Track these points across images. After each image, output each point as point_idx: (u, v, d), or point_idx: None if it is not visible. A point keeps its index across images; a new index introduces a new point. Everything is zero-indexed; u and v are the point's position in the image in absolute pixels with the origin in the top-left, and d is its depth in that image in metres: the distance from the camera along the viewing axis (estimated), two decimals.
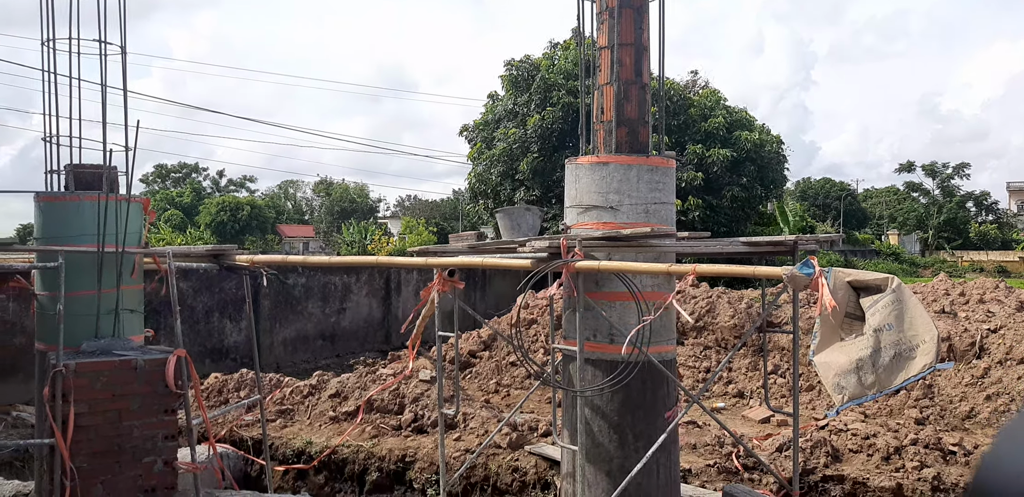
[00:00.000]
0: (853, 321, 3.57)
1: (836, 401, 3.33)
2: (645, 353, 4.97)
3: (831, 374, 3.34)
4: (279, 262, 6.63)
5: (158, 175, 74.34)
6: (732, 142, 18.58)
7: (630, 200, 5.41)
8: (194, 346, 10.58)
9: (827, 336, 3.46)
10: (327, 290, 12.67)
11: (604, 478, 5.65)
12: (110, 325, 6.29)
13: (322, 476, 8.12)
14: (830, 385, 3.36)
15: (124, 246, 6.24)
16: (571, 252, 4.65)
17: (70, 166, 6.43)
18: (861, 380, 3.23)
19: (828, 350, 3.44)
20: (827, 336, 3.46)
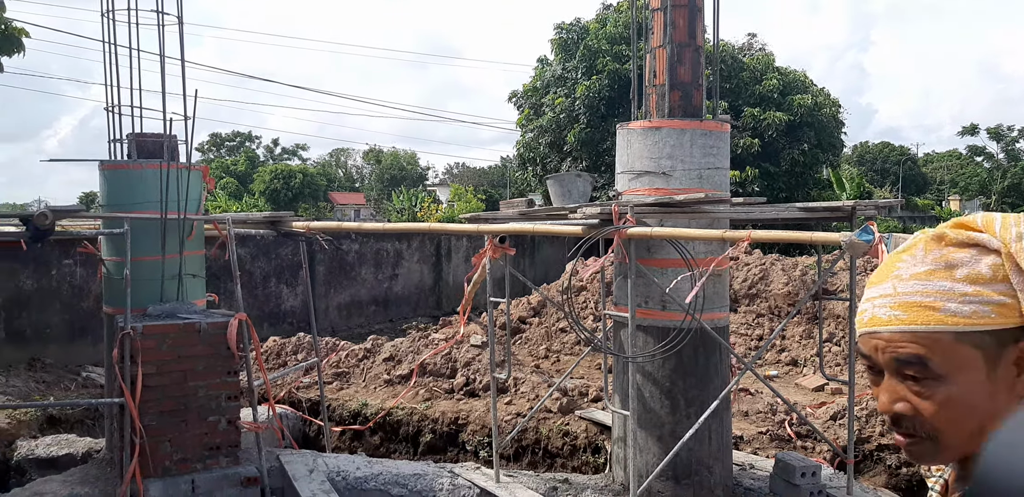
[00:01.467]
0: None
1: None
2: (698, 320, 4.95)
3: None
4: (334, 228, 6.74)
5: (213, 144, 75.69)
6: (787, 106, 18.07)
7: (683, 165, 5.34)
8: (252, 310, 10.87)
9: None
10: (380, 256, 12.86)
11: (655, 443, 5.69)
12: (174, 289, 6.51)
13: (377, 437, 8.34)
14: None
15: (186, 213, 6.42)
16: (623, 218, 4.63)
17: (132, 135, 6.60)
18: None
19: None
20: None
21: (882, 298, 1.06)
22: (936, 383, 1.02)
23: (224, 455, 6.24)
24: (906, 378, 1.04)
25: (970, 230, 1.05)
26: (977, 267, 1.02)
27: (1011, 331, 1.02)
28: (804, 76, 19.42)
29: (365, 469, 6.51)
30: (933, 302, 1.02)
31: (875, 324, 1.05)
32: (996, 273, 1.01)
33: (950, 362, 1.01)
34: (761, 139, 17.75)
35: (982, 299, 1.01)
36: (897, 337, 1.03)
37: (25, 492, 5.82)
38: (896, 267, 1.07)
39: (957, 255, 1.03)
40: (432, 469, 6.52)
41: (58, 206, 5.49)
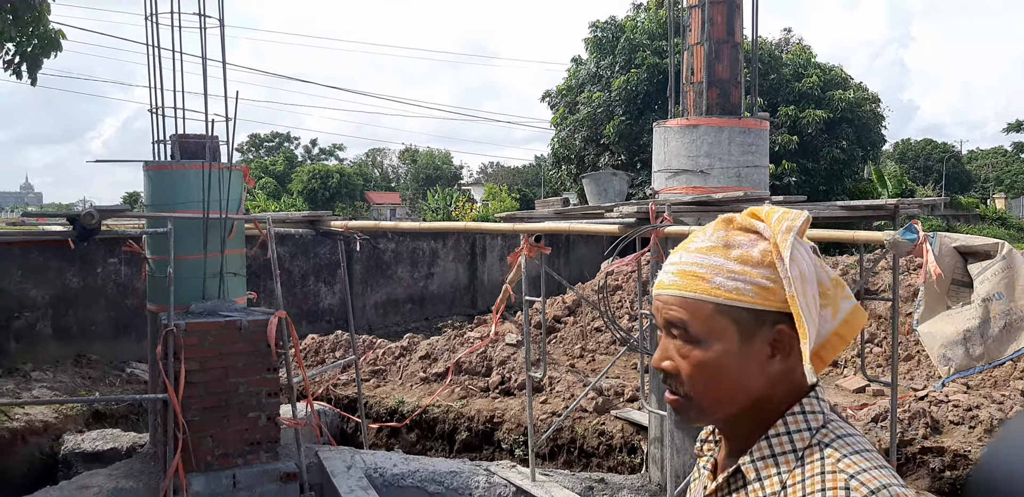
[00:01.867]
0: (960, 289, 3.42)
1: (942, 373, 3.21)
2: None
3: (936, 345, 3.22)
4: (371, 228, 6.80)
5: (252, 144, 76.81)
6: (826, 102, 17.75)
7: (721, 163, 5.29)
8: (291, 308, 11.02)
9: (932, 305, 3.33)
10: (415, 255, 12.94)
11: (692, 443, 5.65)
12: (215, 287, 6.62)
13: (414, 434, 8.40)
14: (935, 356, 3.24)
15: (227, 212, 6.53)
16: (660, 217, 4.60)
17: (175, 136, 6.73)
18: (969, 352, 3.09)
19: (933, 320, 3.31)
20: (932, 305, 3.33)
21: (671, 265, 1.16)
22: (693, 347, 1.13)
23: (264, 451, 6.33)
24: (674, 338, 1.15)
25: (756, 219, 1.15)
26: (751, 251, 1.11)
27: (771, 314, 1.11)
28: (843, 72, 19.08)
29: (402, 466, 6.56)
30: (705, 273, 1.11)
31: (660, 287, 1.16)
32: (764, 258, 1.10)
33: (708, 329, 1.11)
34: (800, 136, 17.49)
35: (747, 279, 1.10)
36: (671, 300, 1.14)
37: (72, 485, 5.97)
38: (691, 240, 1.18)
39: (737, 238, 1.13)
40: (468, 467, 6.55)
41: (104, 206, 5.61)
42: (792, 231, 1.10)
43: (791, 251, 1.09)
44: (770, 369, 1.13)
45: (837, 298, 1.15)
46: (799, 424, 1.13)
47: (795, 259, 1.09)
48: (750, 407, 1.15)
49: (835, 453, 1.09)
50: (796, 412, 1.13)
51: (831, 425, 1.13)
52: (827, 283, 1.14)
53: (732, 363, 1.12)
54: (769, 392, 1.14)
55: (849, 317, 1.16)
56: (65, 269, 9.17)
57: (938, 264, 3.28)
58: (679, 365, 1.14)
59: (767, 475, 1.12)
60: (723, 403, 1.14)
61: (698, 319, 1.11)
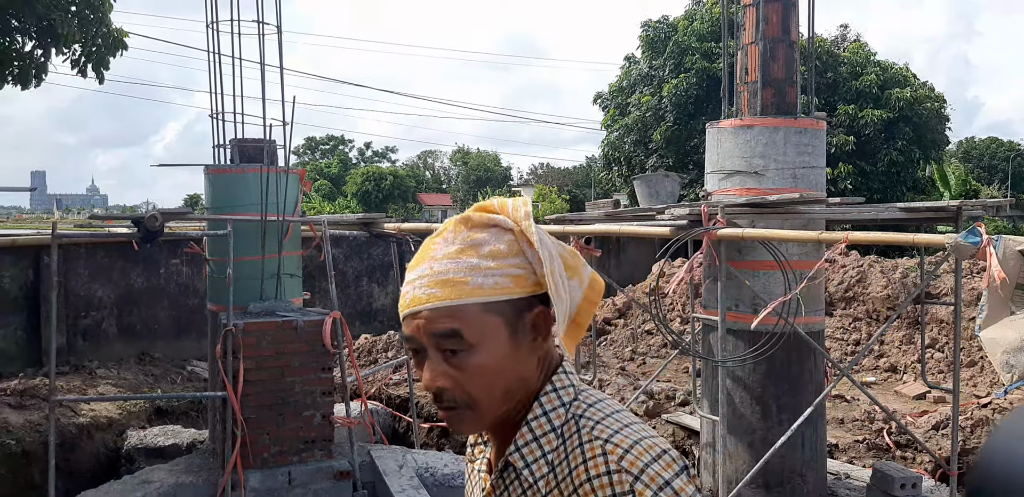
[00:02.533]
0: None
1: (1004, 380, 3.11)
2: (791, 324, 4.83)
3: (999, 351, 3.12)
4: (423, 230, 6.88)
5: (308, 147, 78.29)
6: (885, 101, 17.28)
7: (776, 165, 5.21)
8: (345, 308, 11.19)
9: (995, 310, 3.23)
10: None
11: (746, 450, 5.58)
12: (273, 288, 6.77)
13: None
14: (998, 363, 3.14)
15: (284, 214, 6.68)
16: (713, 219, 4.55)
17: (235, 141, 6.91)
18: None
19: (996, 325, 3.21)
20: (995, 310, 3.23)
21: (420, 279, 1.14)
22: (469, 354, 1.11)
23: (319, 448, 6.45)
24: (445, 353, 1.12)
25: (491, 213, 1.16)
26: (497, 244, 1.12)
27: (527, 299, 1.13)
28: (905, 70, 18.56)
29: (452, 466, 6.61)
30: (463, 277, 1.10)
31: (416, 304, 1.13)
32: (512, 248, 1.12)
33: (479, 331, 1.10)
34: (857, 136, 17.07)
35: (502, 272, 1.11)
36: (435, 313, 1.10)
37: (135, 479, 6.17)
38: (431, 249, 1.16)
39: (481, 235, 1.13)
40: None
41: (166, 209, 5.80)
42: (530, 216, 1.13)
43: (538, 235, 1.12)
44: (538, 353, 1.15)
45: (579, 267, 1.20)
46: (553, 402, 1.15)
47: (543, 242, 1.12)
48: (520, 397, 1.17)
49: (588, 422, 1.12)
50: (548, 391, 1.16)
51: (582, 396, 1.16)
52: (567, 256, 1.18)
53: (508, 358, 1.13)
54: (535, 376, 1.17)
55: (591, 282, 1.21)
56: (129, 269, 9.48)
57: (1002, 268, 3.18)
58: (457, 377, 1.12)
59: (533, 459, 1.14)
60: (504, 401, 1.14)
61: (470, 324, 1.10)
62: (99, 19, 7.14)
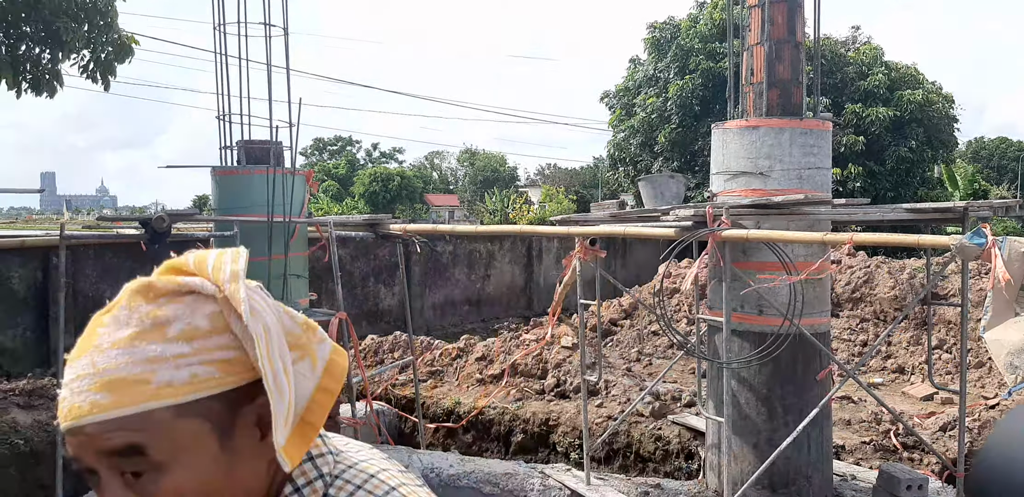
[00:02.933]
0: None
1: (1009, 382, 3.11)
2: (796, 325, 4.82)
3: (1003, 352, 3.11)
4: (429, 231, 6.91)
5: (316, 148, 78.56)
6: (894, 101, 17.23)
7: (782, 165, 5.20)
8: (352, 309, 11.24)
9: (1000, 311, 3.22)
10: (472, 257, 13.07)
11: (751, 451, 5.57)
12: (279, 289, 6.81)
13: (470, 435, 8.47)
14: (1002, 364, 3.14)
15: (290, 216, 6.71)
16: (717, 221, 4.55)
17: (241, 142, 6.95)
18: None
19: (1001, 326, 3.21)
20: (1000, 311, 3.22)
21: (80, 380, 0.83)
22: (159, 475, 0.83)
23: None
24: (125, 476, 0.83)
25: (183, 274, 0.88)
26: (193, 320, 0.84)
27: (244, 389, 0.85)
28: (914, 70, 18.50)
29: (458, 467, 6.63)
30: (142, 374, 0.81)
31: (76, 416, 0.82)
32: (216, 324, 0.84)
33: (171, 444, 0.82)
34: (865, 136, 17.02)
35: (202, 358, 0.83)
36: (105, 428, 0.81)
37: None
38: (96, 334, 0.87)
39: (169, 308, 0.85)
40: (523, 469, 6.58)
41: (174, 210, 5.83)
42: (239, 277, 0.86)
43: (248, 303, 0.84)
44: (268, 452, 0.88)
45: (311, 345, 0.91)
46: None
47: (255, 312, 0.84)
48: None
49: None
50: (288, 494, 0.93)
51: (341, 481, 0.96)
52: (297, 330, 0.90)
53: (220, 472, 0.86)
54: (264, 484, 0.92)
55: (330, 365, 0.92)
56: (138, 270, 9.41)
57: (1007, 269, 3.17)
58: None
59: None
60: None
61: (156, 436, 0.81)
62: (107, 25, 7.19)
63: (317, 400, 0.90)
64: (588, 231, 5.10)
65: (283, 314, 0.90)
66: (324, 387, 0.91)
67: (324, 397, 0.91)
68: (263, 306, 0.87)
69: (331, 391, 0.91)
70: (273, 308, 0.89)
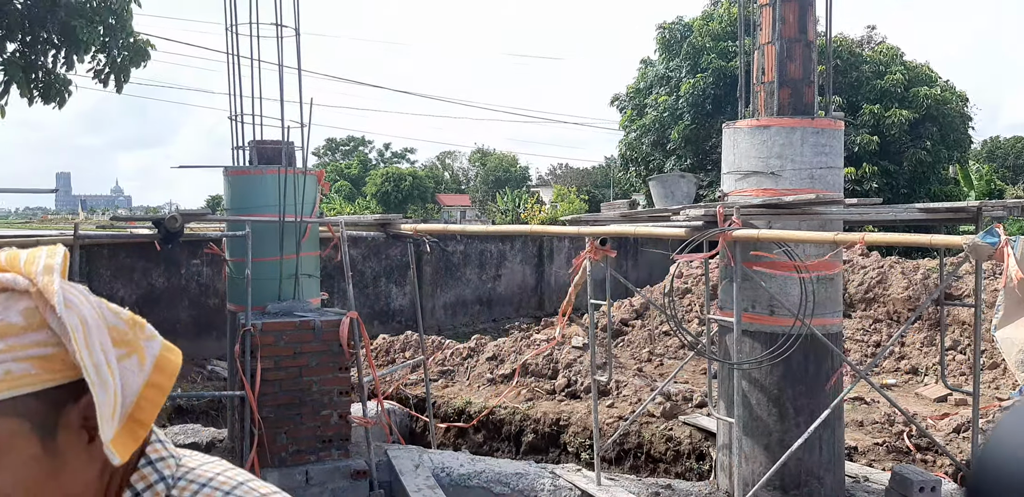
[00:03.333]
0: None
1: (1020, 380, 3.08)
2: (808, 325, 4.80)
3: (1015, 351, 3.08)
4: (439, 231, 6.92)
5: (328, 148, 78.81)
6: (910, 101, 17.09)
7: (793, 165, 5.18)
8: (363, 309, 11.29)
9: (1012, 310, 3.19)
10: (484, 257, 13.07)
11: (762, 452, 5.55)
12: (291, 288, 6.84)
13: (481, 435, 8.48)
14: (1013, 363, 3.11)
15: (302, 215, 6.73)
16: (728, 220, 4.54)
17: (253, 142, 6.98)
18: None
19: (1012, 325, 3.18)
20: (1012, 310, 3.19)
21: None
22: None
23: (336, 448, 6.50)
24: None
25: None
26: (6, 317, 0.81)
27: (67, 388, 0.82)
28: (928, 68, 18.35)
29: (468, 466, 6.63)
30: None
31: None
32: (31, 320, 0.81)
33: None
34: (881, 136, 16.89)
35: (16, 355, 0.80)
36: None
37: None
38: None
39: None
40: (534, 469, 6.58)
41: (186, 210, 5.87)
42: (53, 270, 0.83)
43: (62, 295, 0.81)
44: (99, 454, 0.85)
45: (138, 341, 0.89)
46: None
47: (71, 304, 0.82)
48: None
49: None
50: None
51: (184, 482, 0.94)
52: (122, 326, 0.88)
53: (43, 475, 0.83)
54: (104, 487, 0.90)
55: (160, 361, 0.90)
56: (151, 270, 9.60)
57: (1020, 268, 3.14)
58: None
59: None
60: None
61: None
62: (121, 26, 7.24)
63: (147, 396, 0.87)
64: (598, 231, 5.09)
65: (105, 310, 0.87)
66: (154, 383, 0.88)
67: (154, 393, 0.88)
68: (80, 300, 0.84)
69: (162, 387, 0.89)
70: (95, 304, 0.86)
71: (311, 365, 6.39)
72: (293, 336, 6.35)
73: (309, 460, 6.39)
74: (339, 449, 6.51)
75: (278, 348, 6.29)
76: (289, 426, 6.34)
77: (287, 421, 6.33)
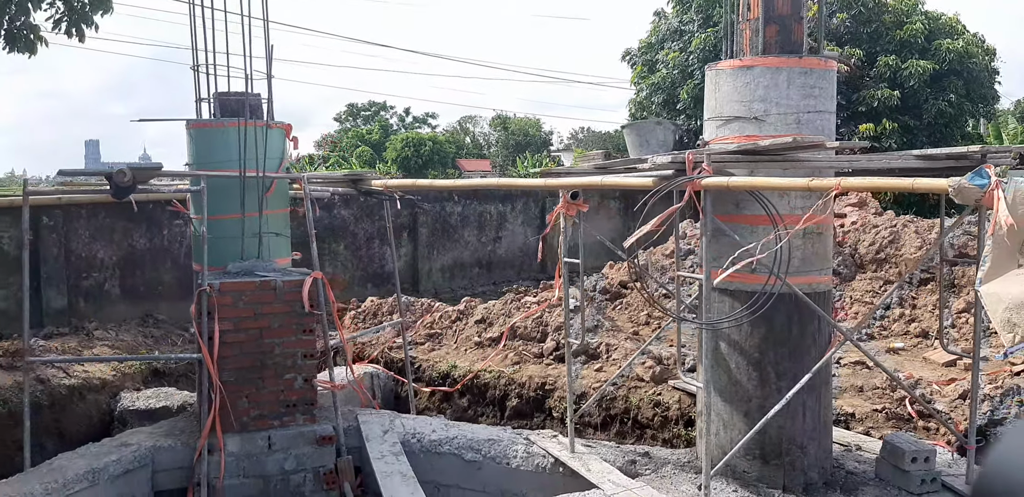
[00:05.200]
0: None
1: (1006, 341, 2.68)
2: (785, 282, 4.39)
3: (1001, 308, 2.69)
4: (408, 186, 6.54)
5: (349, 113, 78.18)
6: (932, 53, 16.21)
7: (778, 109, 4.71)
8: (356, 271, 11.03)
9: (1000, 261, 2.77)
10: (483, 219, 12.68)
11: (741, 419, 5.19)
12: (255, 247, 6.53)
13: (465, 399, 8.22)
14: (999, 321, 2.71)
15: (264, 170, 6.39)
16: (698, 168, 4.11)
17: (216, 94, 6.62)
18: None
19: (1001, 279, 2.77)
20: (1000, 261, 2.77)
21: None
22: None
23: (301, 413, 6.25)
24: None
25: None
26: None
27: None
28: (955, 20, 17.38)
29: (441, 432, 6.36)
30: None
31: None
32: None
33: None
34: (901, 90, 16.07)
35: None
36: None
37: (113, 442, 6.05)
38: None
39: None
40: (508, 435, 6.29)
41: (137, 164, 5.54)
42: None
43: None
44: None
45: None
46: None
47: None
48: None
49: None
50: None
51: None
52: None
53: None
54: None
55: None
56: (132, 230, 9.36)
57: (1011, 214, 2.72)
58: None
59: None
60: None
61: None
62: None
63: None
64: (564, 183, 4.69)
65: None
66: None
67: None
68: None
69: None
70: None
71: (273, 327, 6.11)
72: (253, 297, 6.05)
73: (272, 425, 6.15)
74: (304, 414, 6.26)
75: (237, 309, 6.01)
76: (251, 390, 6.09)
77: (248, 385, 6.08)
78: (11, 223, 8.48)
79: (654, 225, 4.03)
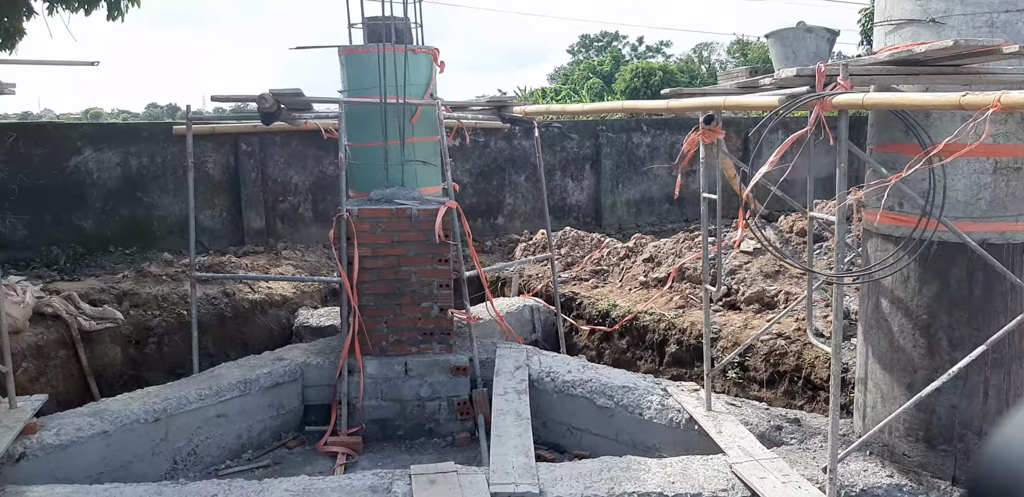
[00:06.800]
0: None
1: None
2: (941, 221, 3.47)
3: None
4: (543, 111, 6.13)
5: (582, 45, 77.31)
6: None
7: (963, 8, 3.65)
8: (537, 203, 10.82)
9: None
10: (674, 151, 11.82)
11: (904, 392, 4.35)
12: (399, 175, 6.51)
13: (625, 341, 7.83)
14: None
15: (406, 97, 6.27)
16: (832, 84, 3.28)
17: (365, 19, 6.56)
18: None
19: None
20: None
21: None
22: None
23: (437, 341, 6.27)
24: None
25: None
26: None
27: None
28: None
29: (576, 374, 6.08)
30: None
31: None
32: None
33: None
34: None
35: None
36: None
37: (272, 355, 6.47)
38: None
39: None
40: (645, 384, 5.86)
41: (278, 89, 5.65)
42: None
43: None
44: None
45: None
46: None
47: None
48: None
49: None
50: None
51: None
52: None
53: None
54: None
55: None
56: (322, 158, 9.84)
57: None
58: None
59: None
60: None
61: None
62: None
63: None
64: (686, 105, 4.02)
65: None
66: None
67: None
68: None
69: None
70: None
71: (408, 255, 6.10)
72: (390, 224, 6.06)
73: (409, 351, 6.23)
74: (441, 343, 6.27)
75: (375, 236, 6.06)
76: (389, 316, 6.18)
77: (387, 310, 6.18)
78: (214, 148, 9.24)
79: (774, 159, 3.31)
